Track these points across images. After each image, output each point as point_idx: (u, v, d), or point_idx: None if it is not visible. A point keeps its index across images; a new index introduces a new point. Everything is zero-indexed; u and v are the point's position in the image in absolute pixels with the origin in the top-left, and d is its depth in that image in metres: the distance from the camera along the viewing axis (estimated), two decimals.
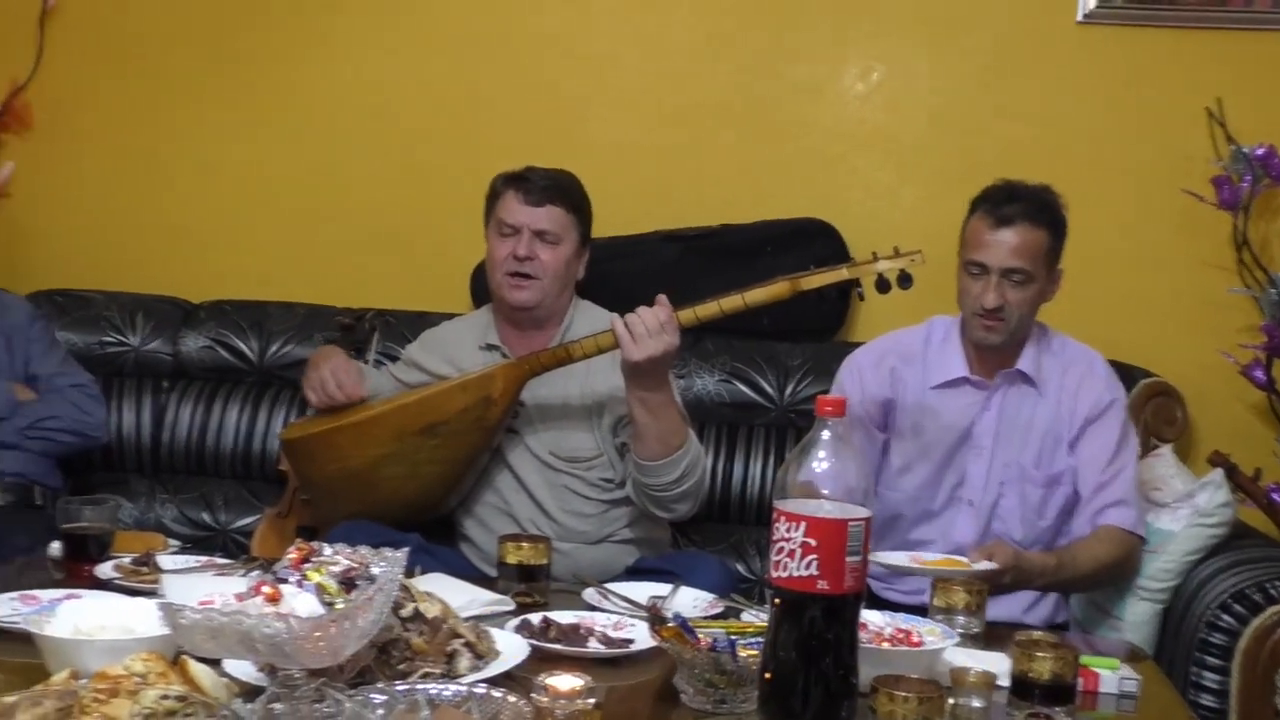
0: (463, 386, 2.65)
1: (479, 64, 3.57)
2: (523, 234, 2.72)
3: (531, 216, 2.73)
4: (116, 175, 3.70)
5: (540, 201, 2.73)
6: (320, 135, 3.63)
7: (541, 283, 2.73)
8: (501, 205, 2.76)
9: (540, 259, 2.72)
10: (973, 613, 2.15)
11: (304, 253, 3.65)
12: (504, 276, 2.73)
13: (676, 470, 2.57)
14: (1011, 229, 2.58)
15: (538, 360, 2.64)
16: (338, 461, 2.68)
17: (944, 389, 2.69)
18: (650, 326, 2.46)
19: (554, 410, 2.75)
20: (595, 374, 2.71)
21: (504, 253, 2.73)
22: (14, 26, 3.67)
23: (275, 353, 3.43)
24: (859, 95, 3.46)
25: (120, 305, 3.50)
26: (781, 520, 1.61)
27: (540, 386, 2.72)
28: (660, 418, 2.54)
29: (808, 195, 3.44)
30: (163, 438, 3.41)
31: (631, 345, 2.46)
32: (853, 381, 2.73)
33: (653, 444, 2.55)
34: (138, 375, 3.46)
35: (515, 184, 2.75)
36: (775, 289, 2.54)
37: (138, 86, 3.68)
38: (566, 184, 2.79)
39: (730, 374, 3.26)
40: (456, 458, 2.69)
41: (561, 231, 2.75)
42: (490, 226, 2.79)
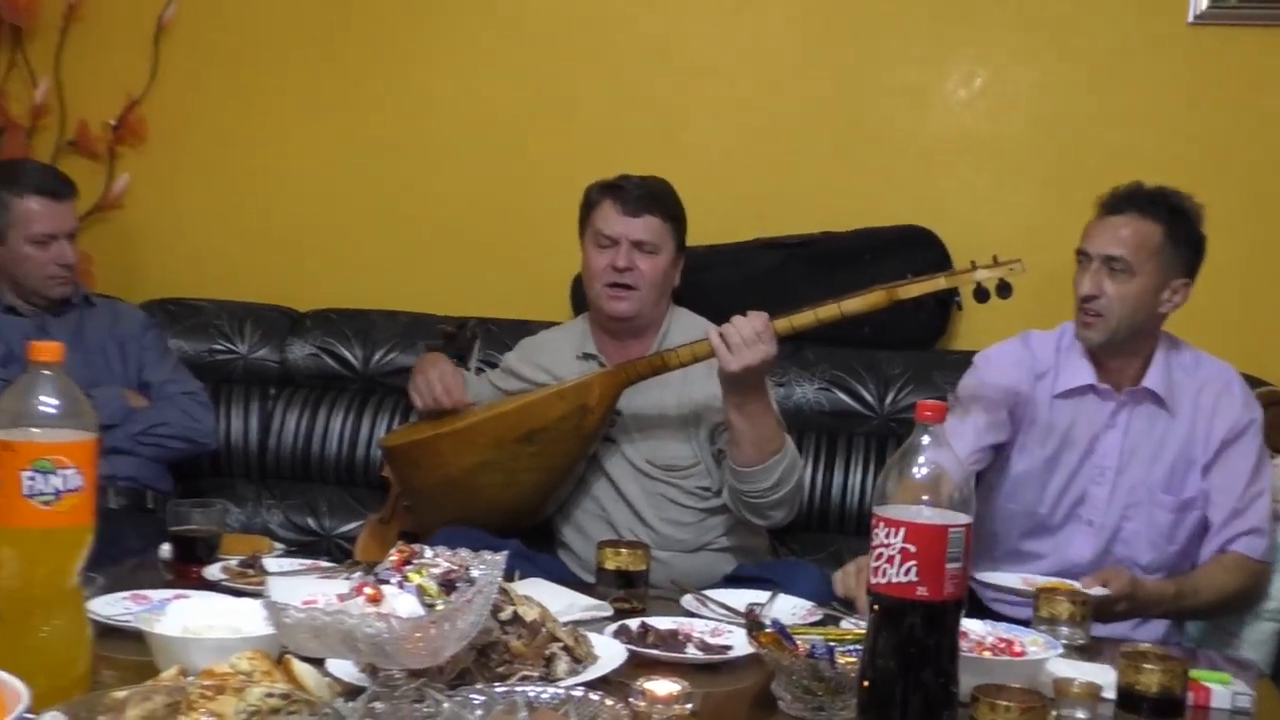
0: (560, 394, 2.67)
1: (577, 73, 3.60)
2: (620, 245, 2.72)
3: (629, 227, 2.73)
4: (226, 187, 3.78)
5: (637, 211, 2.73)
6: (422, 145, 3.68)
7: (640, 293, 2.73)
8: (598, 216, 2.76)
9: (639, 269, 2.72)
10: (1077, 624, 2.11)
11: (407, 261, 3.69)
12: (602, 287, 2.74)
13: (773, 476, 2.56)
14: (1119, 216, 2.53)
15: (634, 368, 2.65)
16: (438, 468, 2.71)
17: (1069, 397, 2.61)
18: (746, 336, 2.45)
19: (651, 419, 2.75)
20: (692, 382, 2.71)
21: (602, 264, 2.73)
22: (130, 44, 3.77)
23: (379, 360, 3.47)
24: (961, 101, 3.43)
25: (229, 314, 3.57)
26: (880, 526, 1.59)
27: (637, 395, 2.73)
28: (757, 424, 2.53)
29: (909, 202, 3.41)
30: (269, 444, 3.47)
31: (728, 355, 2.46)
32: (992, 370, 2.66)
33: (749, 450, 2.55)
34: (246, 382, 3.52)
35: (611, 194, 2.75)
36: (872, 298, 2.52)
37: (247, 100, 3.76)
38: (661, 192, 2.79)
39: (830, 382, 3.24)
40: (554, 465, 2.70)
41: (659, 241, 2.75)
42: (587, 237, 2.79)
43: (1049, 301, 2.83)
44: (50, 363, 1.60)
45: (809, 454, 3.17)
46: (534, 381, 2.82)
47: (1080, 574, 2.54)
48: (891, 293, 2.51)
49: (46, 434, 1.58)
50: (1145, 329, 2.57)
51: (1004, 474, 2.64)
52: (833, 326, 2.72)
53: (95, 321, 3.21)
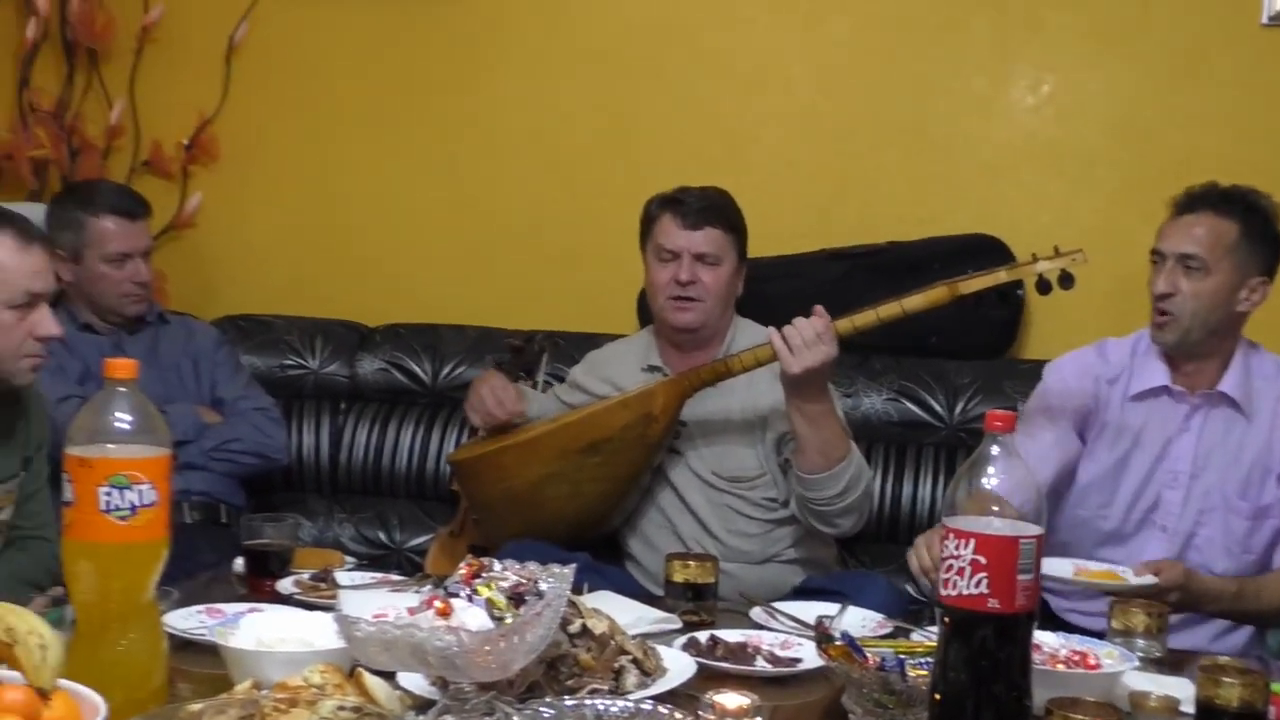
0: (624, 404, 2.67)
1: (640, 87, 3.61)
2: (683, 258, 2.72)
3: (690, 240, 2.73)
4: (297, 204, 3.83)
5: (698, 224, 2.73)
6: (488, 161, 3.71)
7: (704, 304, 2.73)
8: (659, 230, 2.76)
9: (702, 281, 2.72)
10: (1154, 636, 2.07)
11: (475, 276, 3.72)
12: (666, 300, 2.74)
13: (839, 483, 2.55)
14: (1194, 214, 2.50)
15: (697, 375, 2.65)
16: (503, 481, 2.72)
17: (1143, 399, 2.57)
18: (807, 337, 2.45)
19: (716, 427, 2.75)
20: (757, 389, 2.71)
21: (665, 278, 2.73)
22: (203, 64, 3.82)
23: (448, 375, 3.50)
24: (1029, 108, 3.40)
25: (300, 329, 3.61)
26: (950, 537, 1.58)
27: (701, 404, 2.73)
28: (820, 429, 2.52)
29: (977, 210, 3.39)
30: (340, 458, 3.50)
31: (789, 357, 2.45)
32: (1058, 381, 2.64)
33: (814, 456, 2.54)
34: (316, 397, 3.56)
35: (671, 207, 2.75)
36: (934, 294, 2.50)
37: (316, 118, 3.81)
38: (722, 204, 2.79)
39: (898, 393, 3.23)
40: (619, 475, 2.70)
41: (721, 252, 2.75)
42: (648, 251, 2.79)
43: (1122, 308, 2.80)
44: (125, 380, 1.63)
45: (878, 465, 3.16)
46: (599, 395, 2.83)
47: None
48: (953, 288, 2.49)
49: (122, 450, 1.60)
50: (1221, 329, 2.52)
51: (1073, 480, 2.61)
52: (900, 335, 2.71)
53: (169, 339, 3.26)
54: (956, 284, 2.49)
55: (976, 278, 2.49)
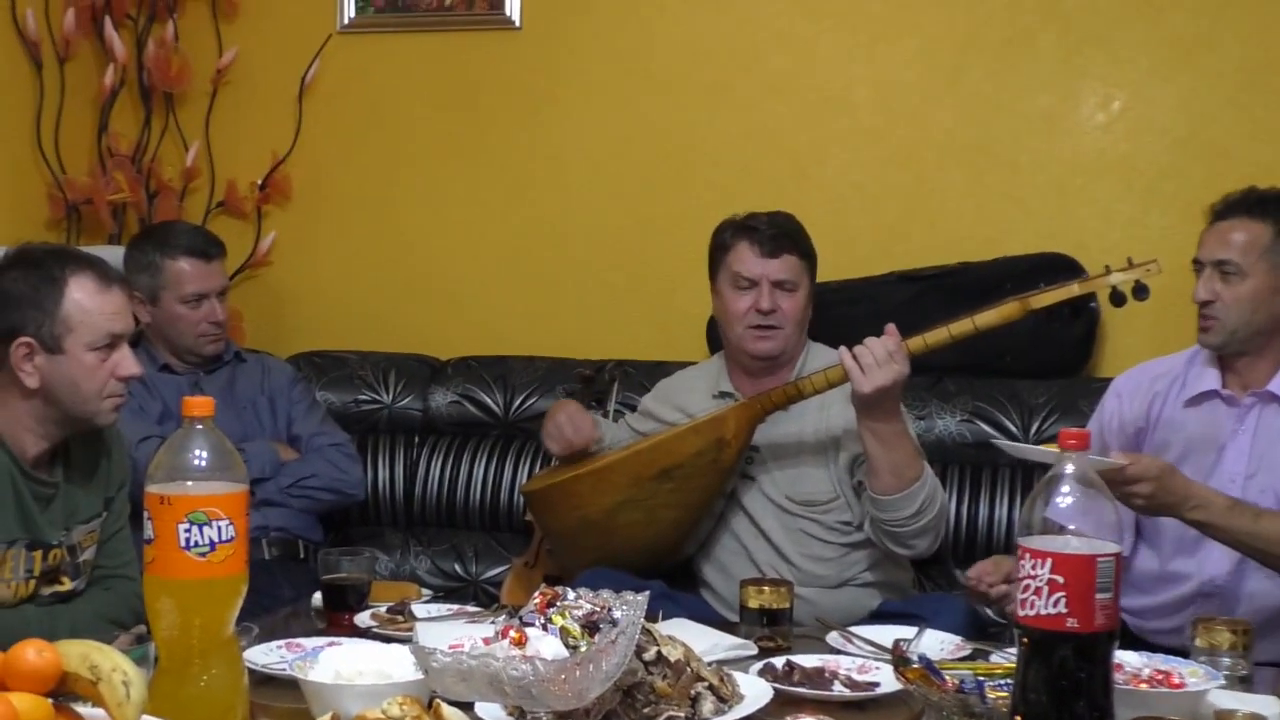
0: (695, 429, 2.67)
1: (705, 112, 3.62)
2: (762, 286, 2.72)
3: (768, 268, 2.73)
4: (368, 241, 3.87)
5: (775, 251, 2.73)
6: (555, 192, 3.73)
7: (785, 331, 2.74)
8: (734, 258, 2.76)
9: (782, 309, 2.72)
10: (1239, 653, 2.04)
11: (544, 307, 3.74)
12: (745, 330, 2.74)
13: (913, 504, 2.53)
14: (1227, 221, 2.51)
15: (769, 399, 2.64)
16: (577, 510, 2.73)
17: (1195, 405, 2.57)
18: (879, 356, 2.44)
19: (788, 450, 2.74)
20: (829, 411, 2.70)
21: (744, 306, 2.73)
22: (275, 104, 3.88)
23: (519, 406, 3.52)
24: (1098, 125, 3.38)
25: (373, 365, 3.64)
26: (1027, 557, 1.57)
27: (773, 428, 2.73)
28: (893, 449, 2.51)
29: (1048, 230, 3.37)
30: (415, 492, 3.53)
31: (861, 376, 2.45)
32: (1113, 404, 2.65)
33: (887, 477, 2.53)
34: (390, 431, 3.59)
35: (746, 235, 2.76)
36: (1006, 310, 2.49)
37: (385, 155, 3.85)
38: (794, 230, 2.80)
39: (972, 414, 3.20)
40: (692, 502, 2.70)
41: (797, 279, 2.75)
42: (722, 279, 2.79)
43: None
44: (202, 418, 1.65)
45: (952, 487, 3.13)
46: (670, 422, 2.83)
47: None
48: (1025, 303, 2.48)
49: (200, 487, 1.63)
50: (1267, 329, 2.52)
51: None
52: (972, 355, 2.69)
53: (246, 377, 3.30)
54: (1028, 299, 2.48)
55: (1049, 292, 2.48)
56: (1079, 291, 2.48)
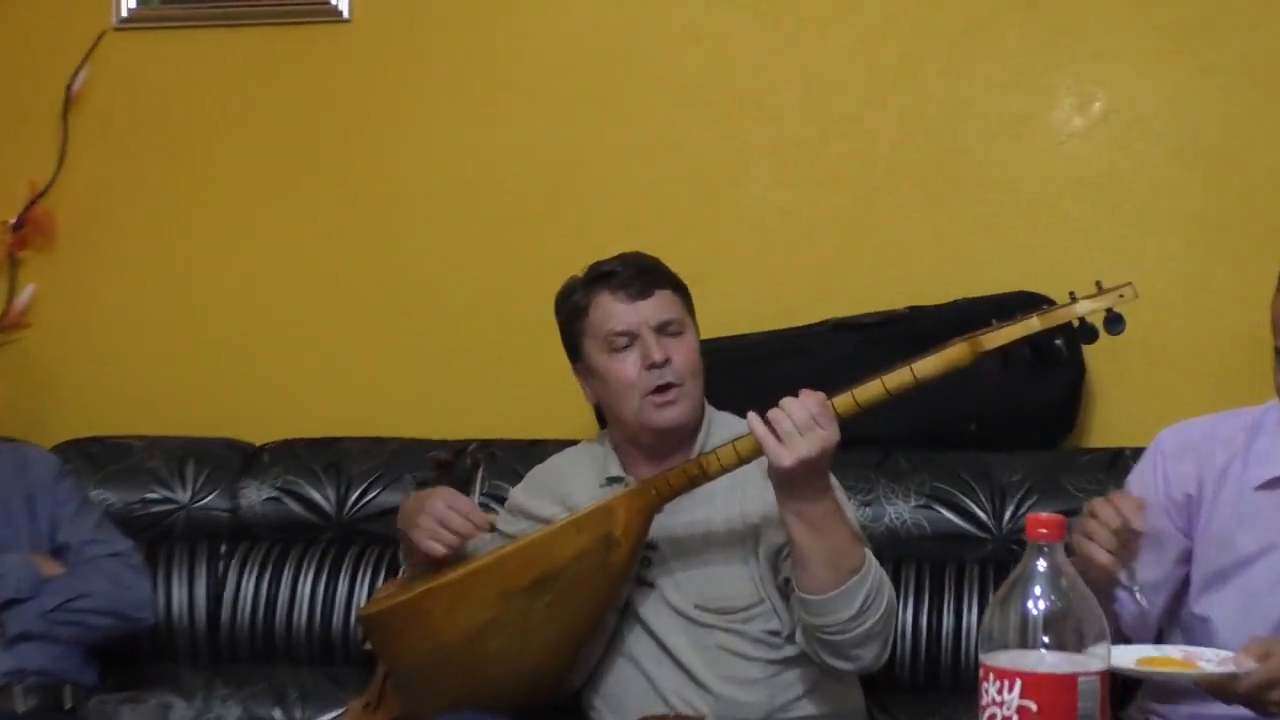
0: (575, 526, 2.66)
1: (587, 123, 3.66)
2: (643, 336, 2.74)
3: (643, 312, 2.75)
4: (157, 296, 3.84)
5: (645, 290, 2.76)
6: (397, 228, 3.74)
7: (686, 388, 2.75)
8: (597, 316, 2.78)
9: (674, 359, 2.74)
10: None
11: (387, 375, 3.73)
12: (643, 400, 2.74)
13: (853, 603, 2.53)
14: None
15: (665, 483, 2.64)
16: (430, 636, 2.70)
17: (1270, 489, 2.55)
18: (798, 421, 2.45)
19: (695, 546, 2.74)
20: (743, 491, 2.71)
21: (632, 371, 2.74)
22: (34, 119, 3.84)
23: (357, 502, 3.49)
24: (1076, 131, 3.45)
25: (166, 453, 3.60)
26: (990, 679, 1.58)
27: (674, 518, 2.72)
28: (826, 535, 2.51)
29: (1017, 263, 3.42)
30: (222, 616, 3.47)
31: (778, 448, 2.45)
32: (1153, 469, 2.64)
33: (819, 571, 2.52)
34: (189, 539, 3.54)
35: (603, 284, 2.78)
36: (950, 354, 2.51)
37: (178, 187, 3.84)
38: (652, 263, 2.83)
39: (931, 497, 3.22)
40: (575, 619, 2.69)
41: (681, 316, 2.79)
42: (590, 350, 2.80)
43: (1213, 372, 2.79)
44: None
45: (908, 590, 3.14)
46: (546, 519, 2.82)
47: None
48: (975, 343, 2.50)
49: None
50: None
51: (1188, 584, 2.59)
52: (928, 422, 2.70)
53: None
54: (978, 338, 2.50)
55: (1003, 329, 2.50)
56: (1040, 327, 2.50)
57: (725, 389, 2.93)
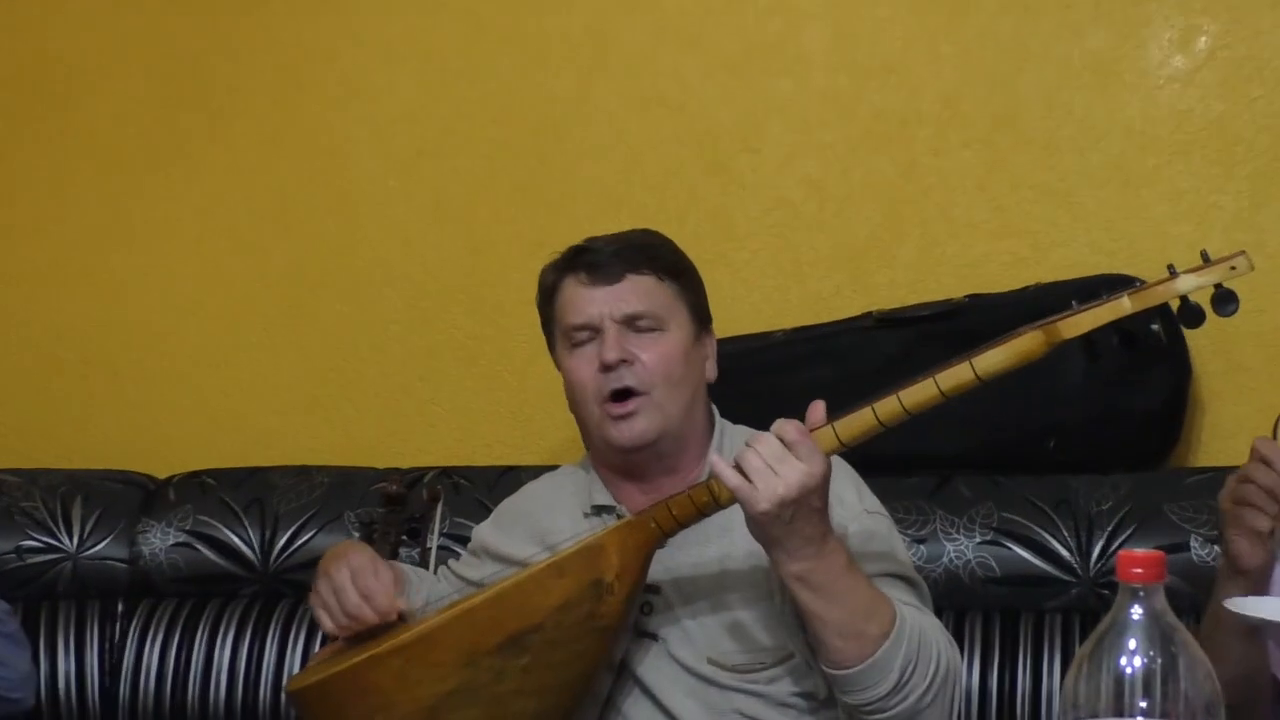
0: (557, 569, 2.63)
1: (570, 75, 3.68)
2: (605, 331, 2.73)
3: (609, 299, 2.74)
4: (33, 297, 3.86)
5: (614, 274, 2.74)
6: (335, 210, 3.77)
7: (651, 398, 2.73)
8: (562, 301, 2.79)
9: (641, 361, 2.72)
10: None
11: (321, 390, 3.75)
12: (601, 408, 2.74)
13: (888, 675, 2.51)
14: None
15: (668, 513, 2.62)
16: (379, 713, 2.66)
17: None
18: (770, 455, 2.43)
19: (707, 589, 2.74)
20: None
21: (588, 370, 2.74)
22: None
23: (286, 548, 3.49)
24: (1176, 74, 3.45)
25: (47, 490, 3.59)
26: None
27: (679, 555, 2.71)
28: (837, 600, 2.48)
29: (1099, 240, 3.43)
30: (120, 692, 3.47)
31: (749, 490, 2.43)
32: None
33: (836, 643, 2.50)
34: (78, 596, 3.53)
35: (573, 266, 2.79)
36: (1020, 344, 2.47)
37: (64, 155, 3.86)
38: (645, 241, 2.82)
39: (999, 531, 3.22)
40: (561, 684, 2.66)
41: (662, 310, 2.76)
42: (558, 342, 2.82)
43: None
44: None
45: (973, 646, 3.15)
46: (522, 561, 2.80)
47: None
48: (1051, 331, 2.47)
49: None
50: None
51: None
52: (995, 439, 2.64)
53: None
54: (1055, 324, 2.48)
55: (1085, 311, 2.48)
56: (1131, 308, 2.48)
57: (741, 401, 2.92)
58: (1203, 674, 1.60)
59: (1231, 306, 2.47)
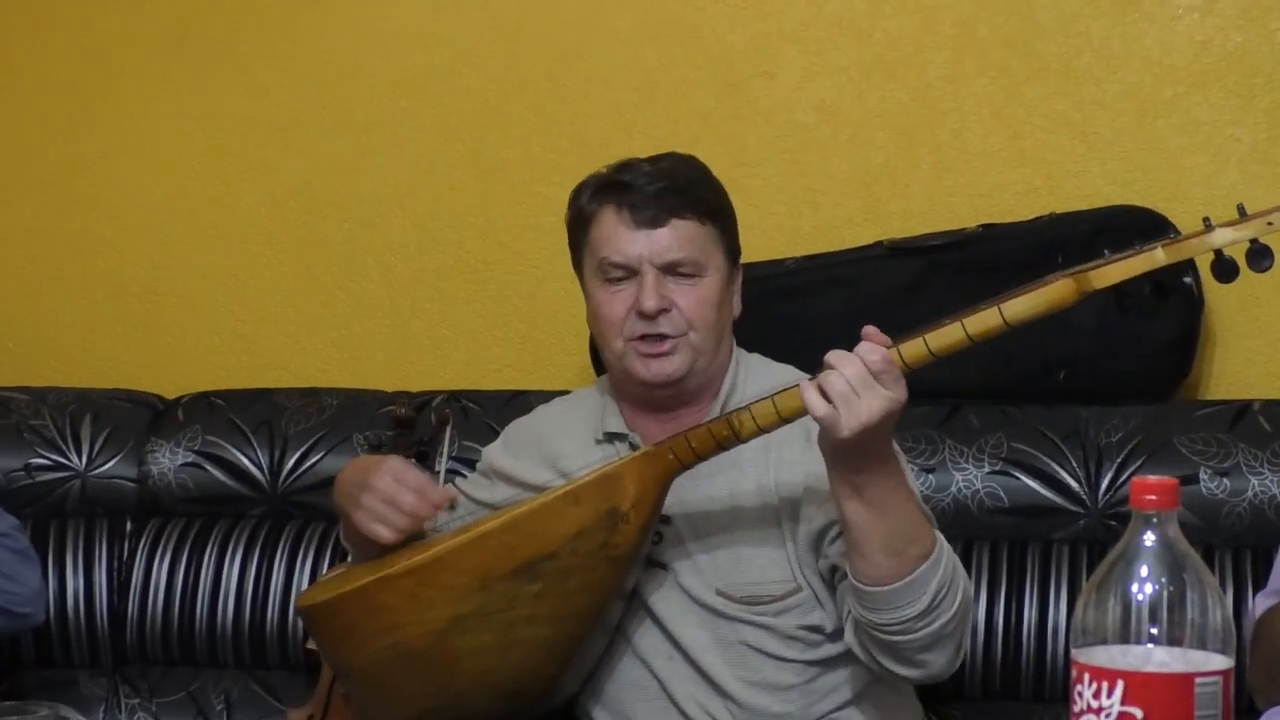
0: (573, 497, 2.64)
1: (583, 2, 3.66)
2: (644, 275, 2.72)
3: (651, 244, 2.72)
4: (41, 216, 3.85)
5: (659, 217, 2.72)
6: (344, 130, 3.75)
7: (688, 341, 2.73)
8: (598, 235, 2.77)
9: (679, 308, 2.72)
10: None
11: (330, 311, 3.75)
12: (627, 345, 2.74)
13: (922, 597, 2.52)
14: None
15: (686, 445, 2.63)
16: (388, 633, 2.68)
17: None
18: (856, 380, 2.42)
19: (718, 522, 2.75)
20: (779, 455, 2.71)
21: (620, 310, 2.73)
22: None
23: (295, 469, 3.51)
24: (1195, 4, 3.43)
25: (56, 409, 3.60)
26: (1084, 680, 1.57)
27: (695, 488, 2.72)
28: (888, 515, 2.49)
29: (1116, 170, 3.42)
30: (128, 610, 3.49)
31: (834, 415, 2.42)
32: None
33: (879, 558, 2.51)
34: (87, 515, 3.55)
35: (613, 197, 2.76)
36: (1051, 292, 2.47)
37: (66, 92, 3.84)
38: (687, 178, 2.79)
39: (1009, 461, 3.22)
40: (573, 612, 2.68)
41: (701, 256, 2.75)
42: (586, 267, 2.81)
43: None
44: None
45: (980, 576, 3.15)
46: (533, 484, 2.83)
47: None
48: (1082, 280, 2.47)
49: None
50: None
51: None
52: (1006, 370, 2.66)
53: None
54: (1087, 274, 2.47)
55: (1118, 261, 2.48)
56: (1165, 260, 2.48)
57: (752, 328, 2.92)
58: (1214, 603, 1.59)
59: (1267, 262, 2.44)
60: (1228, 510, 3.10)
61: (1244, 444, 3.10)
